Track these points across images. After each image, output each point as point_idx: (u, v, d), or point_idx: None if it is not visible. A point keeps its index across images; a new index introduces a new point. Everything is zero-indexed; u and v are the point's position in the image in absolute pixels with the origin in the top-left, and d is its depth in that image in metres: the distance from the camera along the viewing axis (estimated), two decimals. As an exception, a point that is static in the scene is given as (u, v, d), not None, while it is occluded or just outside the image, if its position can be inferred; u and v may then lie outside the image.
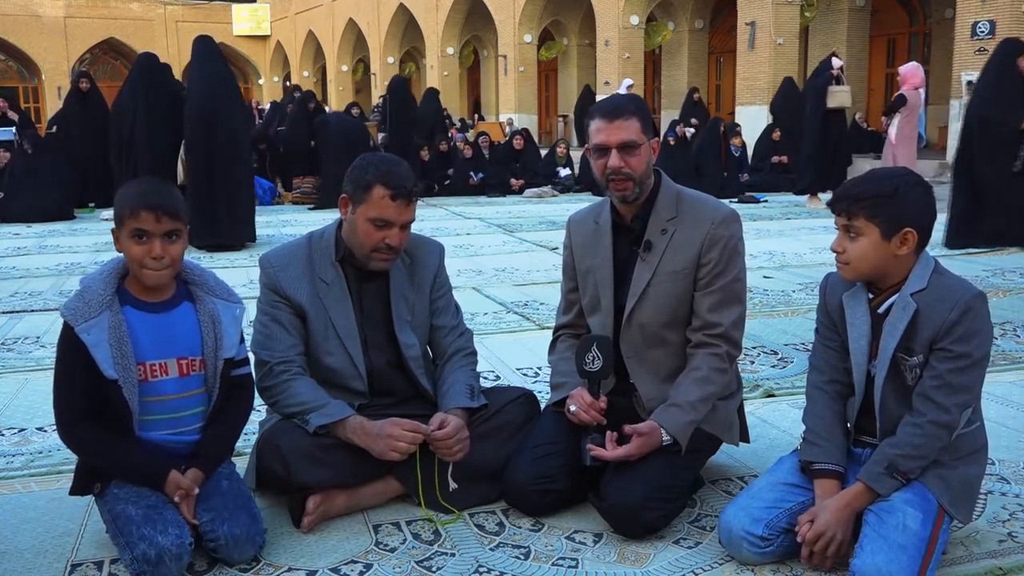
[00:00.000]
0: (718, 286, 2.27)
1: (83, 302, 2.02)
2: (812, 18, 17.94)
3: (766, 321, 4.48)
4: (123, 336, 2.02)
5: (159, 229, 2.02)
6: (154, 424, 2.09)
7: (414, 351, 2.42)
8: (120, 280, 2.09)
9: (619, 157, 2.23)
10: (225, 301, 2.17)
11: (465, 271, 6.14)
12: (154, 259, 2.03)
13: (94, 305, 2.01)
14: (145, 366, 2.06)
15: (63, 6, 33.64)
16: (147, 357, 2.07)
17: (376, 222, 2.25)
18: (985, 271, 5.93)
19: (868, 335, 2.04)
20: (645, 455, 2.17)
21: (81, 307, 2.01)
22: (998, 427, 2.85)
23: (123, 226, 2.04)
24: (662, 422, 2.20)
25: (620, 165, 2.23)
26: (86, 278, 2.08)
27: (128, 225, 2.03)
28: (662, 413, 2.22)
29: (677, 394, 2.25)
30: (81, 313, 2.00)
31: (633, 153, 2.23)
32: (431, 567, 2.05)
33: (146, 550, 1.90)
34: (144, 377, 2.06)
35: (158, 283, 2.08)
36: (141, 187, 2.11)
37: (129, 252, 2.04)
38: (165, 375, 2.09)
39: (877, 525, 1.90)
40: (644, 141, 2.25)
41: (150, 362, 2.07)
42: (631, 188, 2.27)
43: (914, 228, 1.93)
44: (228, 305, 2.17)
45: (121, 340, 2.01)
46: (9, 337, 4.30)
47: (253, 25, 38.03)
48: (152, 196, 2.06)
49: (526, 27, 23.69)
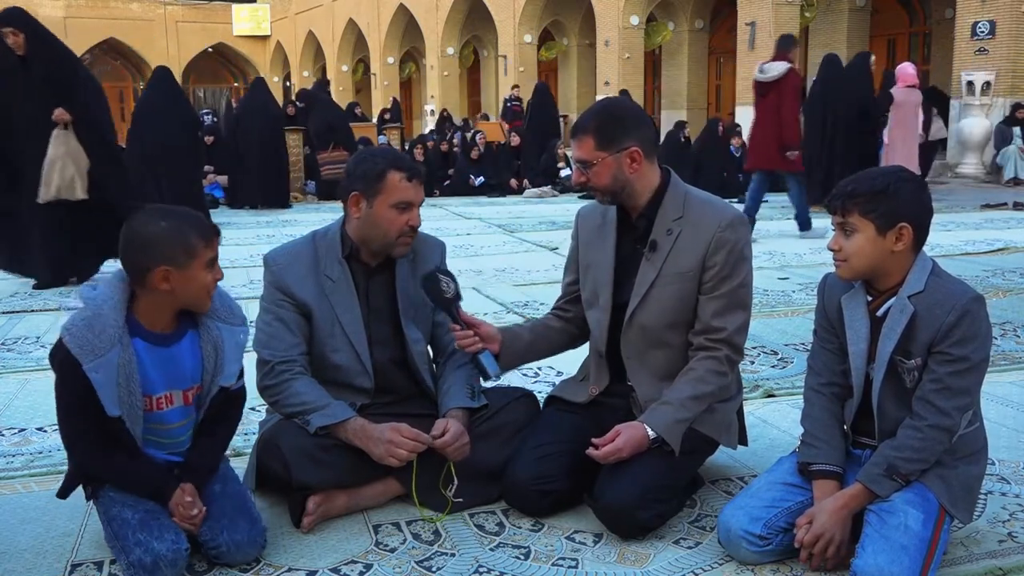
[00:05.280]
0: (723, 291, 2.25)
1: (93, 334, 1.89)
2: (812, 18, 17.94)
3: (766, 321, 4.48)
4: (132, 374, 1.95)
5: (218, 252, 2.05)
6: (152, 444, 2.09)
7: (420, 346, 2.44)
8: (128, 307, 1.99)
9: (579, 172, 2.31)
10: (229, 325, 2.11)
11: (465, 271, 6.13)
12: (216, 281, 2.03)
13: (105, 340, 1.89)
14: (152, 398, 2.03)
15: (63, 6, 33.64)
16: (155, 390, 2.03)
17: (399, 206, 2.29)
18: (985, 271, 5.93)
19: (867, 338, 2.04)
20: (641, 456, 2.17)
21: (91, 340, 1.88)
22: (998, 427, 2.85)
23: (196, 259, 1.96)
24: (647, 419, 2.21)
25: (581, 180, 2.32)
26: (93, 300, 1.95)
27: (204, 255, 1.97)
28: (650, 412, 2.23)
29: (668, 393, 2.25)
30: (91, 348, 1.88)
31: (589, 168, 2.27)
32: (431, 567, 2.05)
33: (142, 556, 1.89)
34: (150, 408, 2.03)
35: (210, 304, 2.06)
36: (186, 217, 2.01)
37: (202, 284, 1.99)
38: (171, 405, 2.07)
39: (879, 525, 1.90)
40: (597, 159, 2.25)
41: (157, 396, 2.04)
42: (600, 197, 2.33)
43: (909, 223, 1.94)
44: (232, 330, 2.11)
45: (130, 378, 1.94)
46: (9, 337, 4.29)
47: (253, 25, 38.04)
48: (205, 221, 2.04)
49: (526, 27, 23.69)
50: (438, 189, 12.66)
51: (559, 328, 2.54)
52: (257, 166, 11.00)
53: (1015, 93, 13.15)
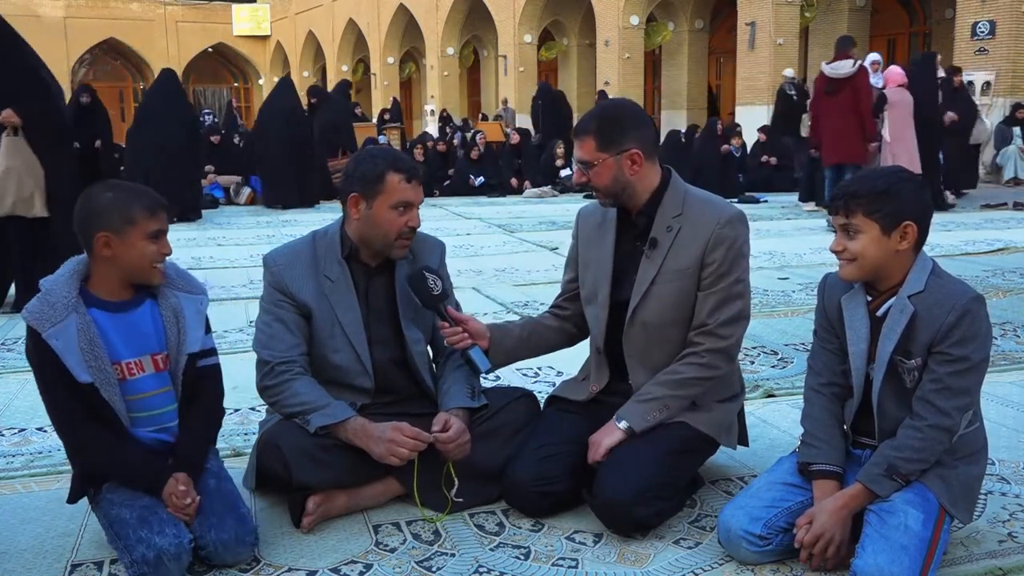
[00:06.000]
0: (720, 287, 2.26)
1: (47, 305, 1.98)
2: (812, 18, 17.94)
3: (766, 321, 4.48)
4: (94, 338, 2.00)
5: (167, 227, 2.09)
6: (137, 421, 2.09)
7: (420, 346, 2.44)
8: (81, 281, 2.06)
9: (580, 172, 2.34)
10: (187, 293, 2.16)
11: (465, 271, 6.13)
12: (164, 256, 2.06)
13: (59, 308, 1.98)
14: (122, 365, 2.06)
15: (63, 6, 33.62)
16: (122, 356, 2.06)
17: (399, 207, 2.30)
18: (985, 271, 5.93)
19: (867, 338, 2.04)
20: (639, 453, 2.18)
21: (46, 311, 1.97)
22: (998, 427, 2.85)
23: (135, 227, 2.02)
24: (619, 411, 2.27)
25: (582, 180, 2.35)
26: (46, 280, 2.04)
27: (145, 227, 2.03)
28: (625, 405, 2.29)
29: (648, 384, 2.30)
30: (46, 317, 1.96)
31: (590, 168, 2.28)
32: (431, 567, 2.05)
33: (144, 552, 1.90)
34: (123, 376, 2.06)
35: (162, 279, 2.09)
36: (135, 190, 2.10)
37: (143, 253, 2.03)
38: (142, 372, 2.09)
39: (879, 525, 1.90)
40: (598, 160, 2.27)
41: (126, 361, 2.07)
42: (602, 198, 2.35)
43: (913, 221, 1.94)
44: (191, 298, 2.16)
45: (92, 342, 1.99)
46: (9, 337, 4.32)
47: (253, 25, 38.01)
48: (156, 195, 2.08)
49: (526, 27, 23.68)
50: (438, 189, 12.65)
51: (555, 326, 2.54)
52: (282, 166, 10.94)
53: (1015, 93, 13.15)
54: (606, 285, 2.36)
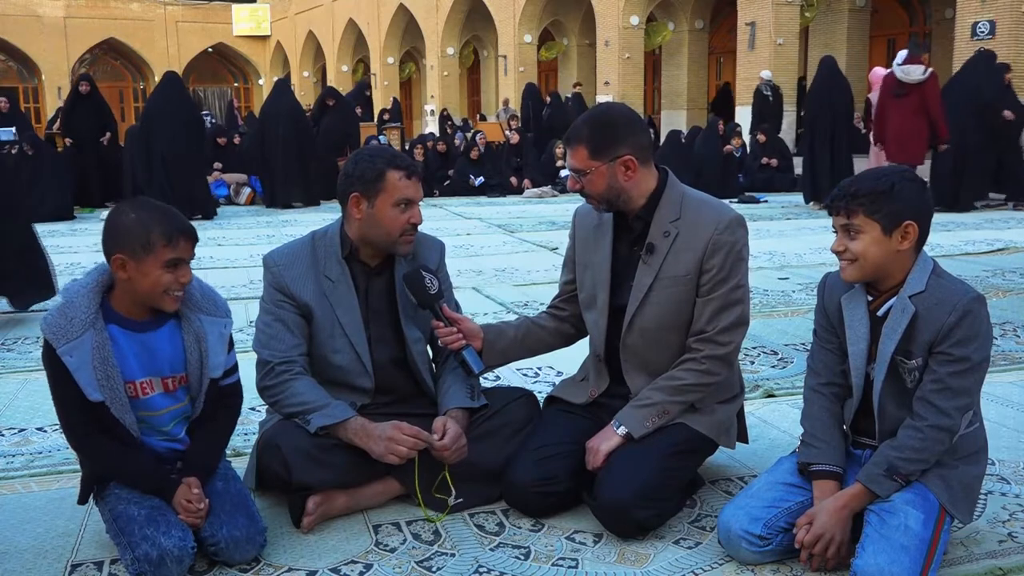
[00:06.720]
0: (719, 293, 2.25)
1: (65, 319, 1.94)
2: (812, 18, 17.93)
3: (766, 321, 4.48)
4: (108, 357, 1.97)
5: (190, 255, 2.02)
6: (147, 432, 2.09)
7: (420, 346, 2.44)
8: (104, 294, 2.02)
9: (574, 180, 2.31)
10: (211, 317, 2.11)
11: (465, 271, 6.13)
12: (182, 285, 2.01)
13: (77, 324, 1.94)
14: (135, 384, 2.04)
15: (63, 6, 33.61)
16: (135, 376, 2.04)
17: (400, 204, 2.29)
18: (985, 271, 5.93)
19: (867, 338, 2.04)
20: (638, 455, 2.18)
21: (63, 325, 1.93)
22: (998, 427, 2.85)
23: (152, 255, 1.95)
24: (617, 415, 2.26)
25: (576, 187, 2.31)
26: (68, 289, 2.00)
27: (162, 255, 1.96)
28: (624, 410, 2.28)
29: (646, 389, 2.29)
30: (63, 333, 1.93)
31: (584, 176, 2.27)
32: (431, 567, 2.05)
33: (148, 550, 1.90)
34: (135, 394, 2.04)
35: (176, 307, 2.04)
36: (160, 214, 2.00)
37: (157, 281, 1.97)
38: (153, 391, 2.08)
39: (879, 525, 1.90)
40: (591, 168, 2.25)
41: (139, 380, 2.05)
42: (597, 205, 2.32)
43: (914, 221, 1.94)
44: (214, 321, 2.11)
45: (106, 361, 1.96)
46: (9, 337, 4.29)
47: (253, 25, 37.99)
48: (181, 221, 2.01)
49: (526, 27, 23.67)
50: (438, 189, 12.65)
51: (551, 327, 2.53)
52: (285, 166, 10.94)
53: (1015, 93, 13.13)
54: (605, 291, 2.35)
